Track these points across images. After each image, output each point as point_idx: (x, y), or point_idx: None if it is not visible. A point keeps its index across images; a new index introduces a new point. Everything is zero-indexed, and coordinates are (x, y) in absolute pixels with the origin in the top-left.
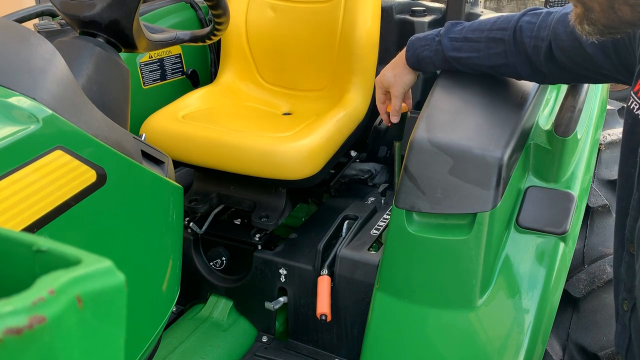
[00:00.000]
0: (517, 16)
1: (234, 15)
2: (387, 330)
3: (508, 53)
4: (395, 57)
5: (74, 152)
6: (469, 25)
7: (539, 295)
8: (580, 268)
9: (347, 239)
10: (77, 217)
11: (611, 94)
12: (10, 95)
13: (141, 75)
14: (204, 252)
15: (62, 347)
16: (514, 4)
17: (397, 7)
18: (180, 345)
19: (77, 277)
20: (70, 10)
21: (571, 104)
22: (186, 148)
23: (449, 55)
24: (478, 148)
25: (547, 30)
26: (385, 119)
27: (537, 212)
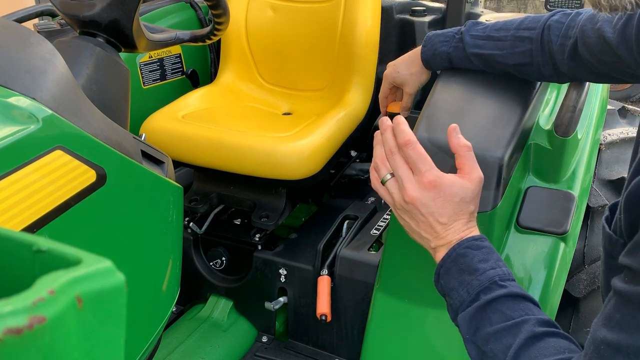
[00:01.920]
0: (547, 16)
1: (234, 15)
2: (387, 330)
3: (534, 52)
4: (409, 55)
5: (74, 152)
6: (493, 24)
7: (539, 295)
8: (580, 268)
9: (347, 239)
10: (77, 217)
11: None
12: (10, 95)
13: (141, 75)
14: (204, 252)
15: (62, 347)
16: (514, 4)
17: (397, 7)
18: (180, 345)
19: (77, 277)
20: (70, 10)
21: (571, 104)
22: (186, 148)
23: (470, 51)
24: (478, 148)
25: (575, 29)
26: (384, 112)
27: (538, 212)
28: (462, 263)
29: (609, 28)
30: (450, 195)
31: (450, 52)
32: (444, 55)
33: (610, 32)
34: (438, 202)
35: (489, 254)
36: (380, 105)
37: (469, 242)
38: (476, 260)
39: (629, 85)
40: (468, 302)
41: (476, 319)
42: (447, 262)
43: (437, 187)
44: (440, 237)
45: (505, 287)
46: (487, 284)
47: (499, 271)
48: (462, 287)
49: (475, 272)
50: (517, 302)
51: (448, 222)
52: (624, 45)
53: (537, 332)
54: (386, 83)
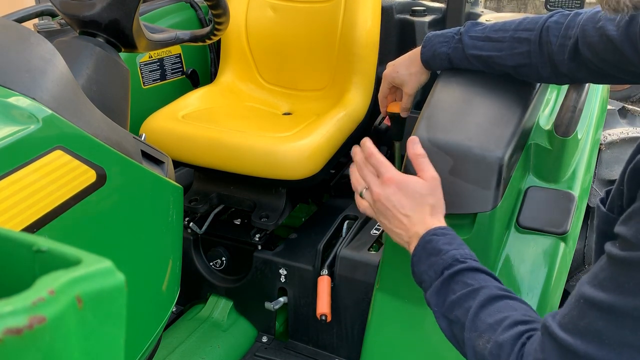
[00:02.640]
0: (545, 17)
1: (234, 15)
2: (387, 330)
3: (532, 53)
4: (408, 55)
5: (74, 152)
6: (492, 25)
7: (539, 295)
8: (580, 268)
9: (347, 239)
10: (77, 217)
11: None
12: (10, 95)
13: (141, 75)
14: (204, 252)
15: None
16: (514, 4)
17: (397, 7)
18: (180, 345)
19: (77, 277)
20: (70, 10)
21: (571, 104)
22: (186, 148)
23: (469, 53)
24: (478, 148)
25: (575, 29)
26: (384, 113)
27: (538, 212)
28: (429, 248)
29: (611, 26)
30: (406, 189)
31: (450, 53)
32: (444, 56)
33: (614, 30)
34: (397, 196)
35: (453, 239)
36: (380, 106)
37: (434, 230)
38: (441, 243)
39: (629, 85)
40: (435, 279)
41: (442, 292)
42: (417, 250)
43: (394, 183)
44: (408, 229)
45: (465, 263)
46: (450, 262)
47: (461, 251)
48: (430, 269)
49: (439, 252)
50: (477, 273)
51: (411, 214)
52: (628, 43)
53: (496, 294)
54: (385, 83)
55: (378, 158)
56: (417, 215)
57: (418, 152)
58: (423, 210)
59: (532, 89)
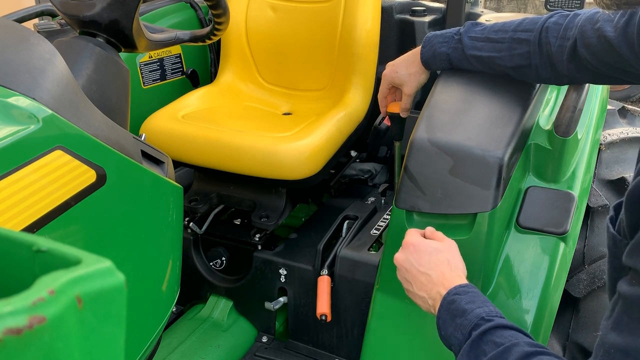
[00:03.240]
0: (544, 18)
1: (234, 15)
2: (387, 330)
3: (532, 54)
4: (408, 55)
5: (74, 152)
6: (491, 26)
7: (539, 295)
8: (580, 268)
9: (347, 239)
10: (77, 217)
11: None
12: (10, 95)
13: (141, 75)
14: (204, 252)
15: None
16: (514, 4)
17: (397, 7)
18: (180, 345)
19: (77, 277)
20: (70, 10)
21: (571, 104)
22: (186, 148)
23: (468, 53)
24: (478, 148)
25: (574, 30)
26: (384, 113)
27: (538, 212)
28: (453, 309)
29: (609, 27)
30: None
31: (450, 53)
32: (444, 56)
33: (611, 32)
34: (415, 255)
35: (476, 296)
36: (380, 106)
37: (456, 289)
38: (464, 303)
39: (629, 85)
40: (464, 342)
41: (472, 354)
42: (441, 312)
43: (412, 245)
44: (430, 289)
45: (492, 321)
46: (475, 321)
47: (486, 309)
48: (457, 331)
49: (464, 313)
50: (506, 331)
51: (429, 272)
52: (626, 44)
53: (528, 351)
54: (385, 83)
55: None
56: (436, 272)
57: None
58: (441, 266)
59: (532, 89)
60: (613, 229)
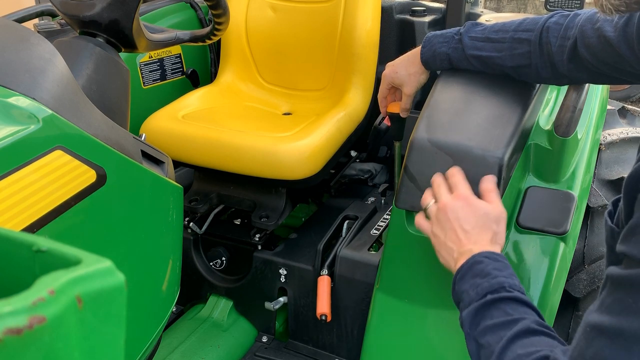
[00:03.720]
0: (545, 18)
1: (234, 15)
2: (387, 330)
3: (532, 54)
4: (407, 55)
5: (74, 152)
6: (491, 26)
7: (539, 295)
8: (580, 268)
9: (347, 239)
10: (77, 217)
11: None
12: (10, 95)
13: (141, 75)
14: (204, 252)
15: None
16: (514, 4)
17: (397, 7)
18: (180, 345)
19: (77, 277)
20: (70, 10)
21: (571, 104)
22: (186, 148)
23: (469, 53)
24: (478, 148)
25: (574, 30)
26: (384, 113)
27: (537, 212)
28: (477, 269)
29: (609, 27)
30: (476, 208)
31: (450, 53)
32: (444, 56)
33: (611, 32)
34: (465, 211)
35: (505, 267)
36: (379, 106)
37: (488, 253)
38: (491, 267)
39: (629, 85)
40: (475, 301)
41: (479, 314)
42: (463, 268)
43: (466, 199)
44: (463, 245)
45: (512, 292)
46: (496, 287)
47: (510, 281)
48: (472, 289)
49: (487, 275)
50: (521, 305)
51: (471, 231)
52: (625, 44)
53: (533, 328)
54: (385, 83)
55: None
56: (477, 235)
57: (490, 188)
58: (485, 233)
59: (532, 89)
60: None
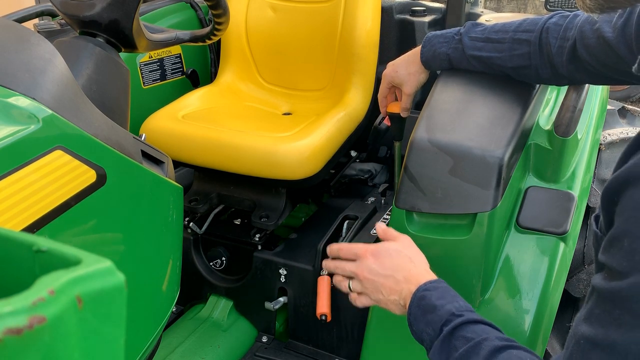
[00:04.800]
0: (545, 18)
1: (234, 15)
2: (387, 330)
3: (532, 55)
4: (408, 55)
5: (74, 152)
6: (492, 26)
7: (539, 295)
8: (580, 268)
9: (347, 239)
10: (77, 217)
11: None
12: (10, 95)
13: (141, 75)
14: (204, 252)
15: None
16: (514, 4)
17: (397, 7)
18: (180, 345)
19: (77, 277)
20: (70, 10)
21: (571, 104)
22: (186, 148)
23: (469, 53)
24: (478, 148)
25: (573, 30)
26: (384, 113)
27: (537, 212)
28: (423, 305)
29: (608, 28)
30: (381, 253)
31: (450, 53)
32: (444, 56)
33: (610, 32)
34: (376, 262)
35: (445, 292)
36: (379, 106)
37: (425, 286)
38: (434, 299)
39: (629, 85)
40: (435, 338)
41: (444, 350)
42: (412, 308)
43: (369, 253)
44: (399, 291)
45: (462, 316)
46: (446, 317)
47: (456, 304)
48: (428, 327)
49: (434, 309)
50: (476, 325)
51: (394, 273)
52: (624, 44)
53: (498, 346)
54: (385, 83)
55: (349, 246)
56: (402, 272)
57: (383, 229)
58: (405, 265)
59: (532, 89)
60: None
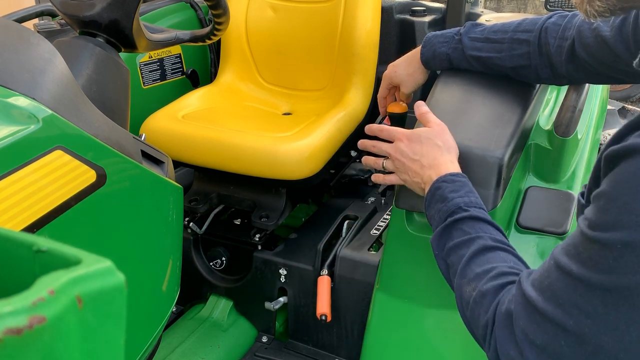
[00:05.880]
0: (544, 18)
1: (234, 15)
2: (387, 330)
3: (532, 54)
4: (407, 56)
5: (74, 152)
6: (491, 26)
7: None
8: None
9: (347, 239)
10: (77, 217)
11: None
12: (10, 95)
13: (141, 75)
14: (204, 252)
15: (62, 347)
16: (514, 4)
17: (397, 7)
18: (180, 345)
19: (77, 277)
20: (70, 10)
21: (571, 104)
22: (186, 148)
23: (468, 54)
24: (478, 148)
25: (572, 30)
26: (383, 113)
27: (538, 212)
28: (437, 195)
29: (606, 27)
30: (415, 138)
31: (450, 53)
32: (444, 56)
33: (607, 31)
34: (409, 146)
35: (461, 186)
36: (379, 106)
37: (444, 177)
38: (447, 191)
39: (629, 85)
40: (439, 225)
41: (443, 237)
42: (428, 195)
43: (405, 137)
44: (422, 175)
45: (467, 211)
46: (453, 209)
47: (466, 199)
48: (437, 214)
49: (445, 200)
50: (477, 222)
51: (421, 158)
52: (622, 43)
53: (489, 245)
54: (385, 83)
55: (388, 128)
56: (428, 158)
57: (423, 111)
58: (433, 152)
59: (532, 89)
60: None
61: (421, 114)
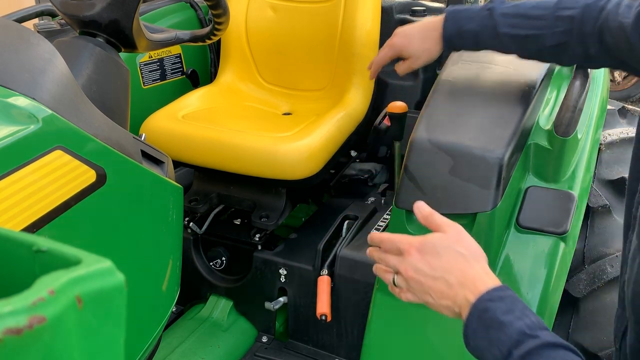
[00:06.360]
0: None
1: (234, 15)
2: (387, 330)
3: (574, 32)
4: (423, 27)
5: (73, 152)
6: (522, 3)
7: (539, 295)
8: (580, 268)
9: (347, 239)
10: (77, 217)
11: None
12: (10, 95)
13: (141, 75)
14: (204, 252)
15: (62, 347)
16: None
17: (397, 7)
18: (180, 345)
19: (77, 277)
20: (70, 10)
21: (571, 104)
22: (186, 148)
23: (502, 31)
24: (478, 148)
25: (605, 11)
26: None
27: (538, 212)
28: (486, 319)
29: (628, 13)
30: (429, 249)
31: (479, 31)
32: (471, 34)
33: (628, 18)
34: (423, 260)
35: (513, 303)
36: (371, 69)
37: (489, 295)
38: (499, 313)
39: (629, 84)
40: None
41: None
42: (471, 321)
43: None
44: (453, 296)
45: (537, 338)
46: (516, 337)
47: (527, 321)
48: (492, 346)
49: (501, 326)
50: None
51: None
52: (637, 32)
53: None
54: (390, 52)
55: (391, 238)
56: (454, 274)
57: (426, 213)
58: (458, 265)
59: (532, 89)
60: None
61: (425, 217)
